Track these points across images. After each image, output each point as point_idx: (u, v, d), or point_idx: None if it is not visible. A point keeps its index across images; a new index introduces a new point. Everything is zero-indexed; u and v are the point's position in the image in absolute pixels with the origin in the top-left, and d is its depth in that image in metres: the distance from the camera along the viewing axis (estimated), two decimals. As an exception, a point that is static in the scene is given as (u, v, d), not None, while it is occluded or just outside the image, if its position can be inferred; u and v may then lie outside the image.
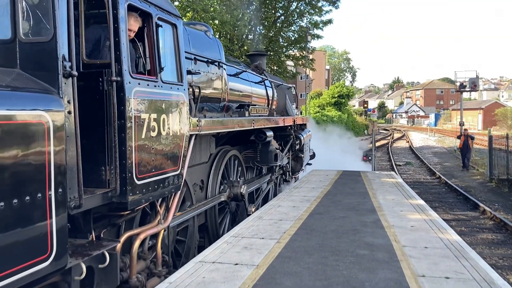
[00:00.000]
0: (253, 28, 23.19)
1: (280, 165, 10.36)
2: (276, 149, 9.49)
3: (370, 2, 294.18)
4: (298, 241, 5.61)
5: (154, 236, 4.97)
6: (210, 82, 6.80)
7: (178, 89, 4.95)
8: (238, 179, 7.94)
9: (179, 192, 5.14)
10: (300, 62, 29.00)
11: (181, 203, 5.81)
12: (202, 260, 4.92)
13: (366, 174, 12.70)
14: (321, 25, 27.41)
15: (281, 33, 26.99)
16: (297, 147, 11.75)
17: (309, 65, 29.57)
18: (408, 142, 42.76)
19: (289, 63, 29.66)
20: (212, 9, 19.61)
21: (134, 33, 4.39)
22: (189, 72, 5.79)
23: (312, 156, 14.26)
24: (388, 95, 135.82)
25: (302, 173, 13.33)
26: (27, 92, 3.08)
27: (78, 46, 3.82)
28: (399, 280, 4.27)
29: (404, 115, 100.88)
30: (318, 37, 28.38)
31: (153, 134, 4.40)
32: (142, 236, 4.59)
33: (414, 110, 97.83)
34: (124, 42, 4.00)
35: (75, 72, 3.34)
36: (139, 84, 4.18)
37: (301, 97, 35.12)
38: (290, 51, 28.41)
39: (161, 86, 4.58)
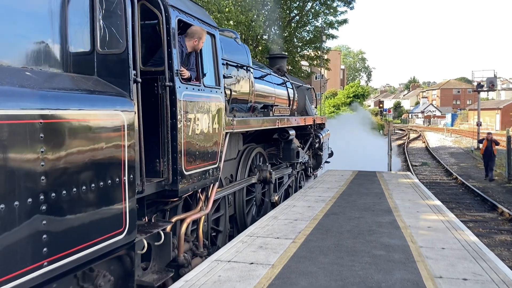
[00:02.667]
0: (268, 29, 23.19)
1: (301, 162, 10.84)
2: (298, 146, 9.88)
3: (386, 1, 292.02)
4: (313, 241, 5.60)
5: (195, 223, 5.55)
6: (239, 85, 7.37)
7: (216, 92, 5.63)
8: (267, 164, 8.50)
9: (217, 183, 5.79)
10: (315, 62, 28.90)
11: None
12: (218, 259, 4.95)
13: (382, 174, 12.61)
14: (336, 25, 27.28)
15: (296, 33, 26.93)
16: (317, 145, 12.23)
17: (324, 65, 29.46)
18: (424, 142, 42.32)
19: (304, 63, 29.56)
20: (227, 9, 19.67)
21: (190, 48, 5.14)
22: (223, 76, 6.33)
23: (330, 155, 14.53)
24: (404, 95, 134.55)
25: (321, 171, 13.64)
26: (107, 95, 3.68)
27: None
28: (415, 281, 4.24)
29: (420, 115, 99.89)
30: (333, 37, 28.23)
31: (198, 131, 5.09)
32: (188, 220, 5.22)
33: (430, 110, 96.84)
34: (175, 52, 4.68)
35: (139, 79, 3.97)
36: (186, 88, 4.85)
37: (315, 97, 35.10)
38: (305, 51, 28.33)
39: (204, 90, 5.27)
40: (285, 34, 25.00)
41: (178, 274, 4.91)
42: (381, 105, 63.53)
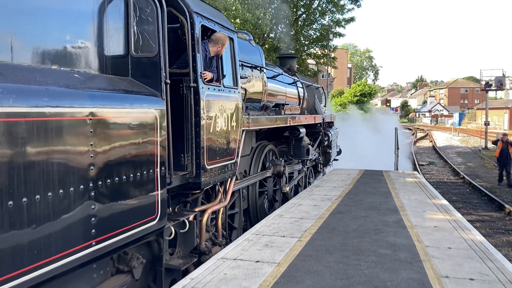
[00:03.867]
0: (274, 27, 23.16)
1: (310, 159, 11.15)
2: (308, 144, 10.19)
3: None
4: (319, 239, 5.60)
5: (213, 214, 5.91)
6: (253, 85, 7.71)
7: (234, 92, 6.01)
8: (280, 159, 8.89)
9: (234, 177, 6.16)
10: (322, 60, 28.83)
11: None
12: (224, 257, 4.96)
13: (388, 173, 12.57)
14: (343, 23, 27.18)
15: (303, 31, 26.86)
16: (326, 143, 12.55)
17: (331, 63, 29.38)
18: (431, 141, 42.13)
19: (310, 61, 29.50)
20: (233, 8, 19.67)
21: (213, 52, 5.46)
22: None
23: (339, 152, 14.73)
24: (411, 94, 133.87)
25: (329, 168, 13.87)
26: (142, 95, 4.09)
27: None
28: (421, 280, 4.22)
29: (427, 114, 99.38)
30: (340, 35, 28.16)
31: (218, 128, 5.45)
32: (209, 211, 5.59)
33: (437, 109, 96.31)
34: (199, 56, 5.02)
35: (168, 80, 4.32)
36: (208, 88, 5.20)
37: (324, 96, 35.12)
38: (312, 49, 28.26)
39: (223, 90, 5.63)
40: (292, 32, 24.96)
41: (199, 261, 5.18)
42: (388, 104, 63.32)
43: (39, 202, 2.85)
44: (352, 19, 27.33)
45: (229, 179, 6.02)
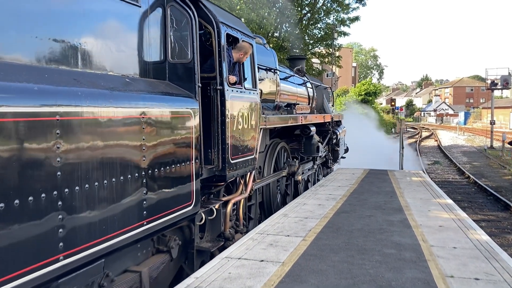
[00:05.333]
0: (279, 26, 23.13)
1: (320, 156, 11.74)
2: (318, 141, 10.60)
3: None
4: (323, 239, 5.59)
5: (234, 205, 6.38)
6: (268, 86, 8.20)
7: (253, 93, 6.53)
8: (295, 160, 9.54)
9: (254, 171, 6.70)
10: (326, 60, 28.77)
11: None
12: (228, 256, 4.97)
13: (393, 173, 12.53)
14: (348, 22, 27.11)
15: (307, 30, 26.81)
16: (334, 141, 13.01)
17: (336, 62, 29.31)
18: (436, 140, 41.96)
19: (315, 60, 29.45)
20: (238, 7, 19.66)
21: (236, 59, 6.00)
22: None
23: (346, 150, 15.13)
24: (416, 93, 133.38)
25: (337, 166, 14.26)
26: (181, 97, 4.66)
27: None
28: (426, 280, 4.21)
29: (432, 113, 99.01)
30: (345, 34, 28.09)
31: (240, 127, 5.96)
32: (233, 201, 6.15)
33: (443, 108, 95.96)
34: (224, 61, 5.50)
35: (199, 84, 4.86)
36: (232, 91, 5.69)
37: (332, 96, 35.13)
38: (316, 48, 28.21)
39: (244, 92, 6.16)
40: (296, 32, 24.92)
41: (223, 246, 5.67)
42: (393, 103, 62.89)
43: (109, 185, 3.49)
44: (357, 18, 27.26)
45: (249, 173, 6.56)
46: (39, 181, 2.86)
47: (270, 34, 23.19)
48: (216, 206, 5.65)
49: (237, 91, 5.86)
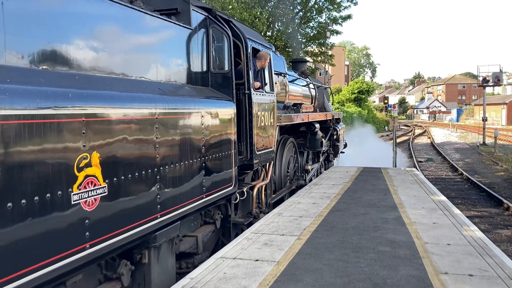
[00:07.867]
0: (271, 25, 23.12)
1: (323, 150, 12.92)
2: (321, 137, 11.56)
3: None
4: (318, 237, 5.60)
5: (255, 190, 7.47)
6: (279, 89, 9.03)
7: (271, 95, 7.65)
8: (308, 161, 11.13)
9: (272, 161, 7.85)
10: (319, 58, 28.81)
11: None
12: (223, 256, 4.96)
13: (387, 170, 12.56)
14: (340, 20, 27.19)
15: (300, 29, 26.84)
16: (335, 137, 14.08)
17: (328, 61, 29.36)
18: (429, 138, 42.15)
19: (307, 59, 29.48)
20: (230, 7, 19.64)
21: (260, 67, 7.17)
22: None
23: (345, 146, 16.21)
24: (409, 91, 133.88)
25: (337, 161, 15.31)
26: (223, 100, 5.85)
27: None
28: (421, 277, 4.22)
29: (425, 110, 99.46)
30: (337, 32, 28.18)
31: (263, 124, 7.09)
32: (258, 186, 7.40)
33: (435, 106, 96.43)
34: (250, 69, 6.65)
35: (234, 90, 6.09)
36: (256, 94, 6.84)
37: (331, 95, 35.21)
38: (309, 47, 28.25)
39: (265, 94, 7.27)
40: (289, 31, 24.93)
41: (250, 223, 6.77)
42: (386, 101, 63.26)
43: (184, 166, 4.67)
44: (349, 17, 27.37)
45: (269, 163, 7.67)
46: (145, 159, 4.01)
47: (262, 33, 23.18)
48: (245, 189, 6.80)
49: (259, 94, 6.96)
